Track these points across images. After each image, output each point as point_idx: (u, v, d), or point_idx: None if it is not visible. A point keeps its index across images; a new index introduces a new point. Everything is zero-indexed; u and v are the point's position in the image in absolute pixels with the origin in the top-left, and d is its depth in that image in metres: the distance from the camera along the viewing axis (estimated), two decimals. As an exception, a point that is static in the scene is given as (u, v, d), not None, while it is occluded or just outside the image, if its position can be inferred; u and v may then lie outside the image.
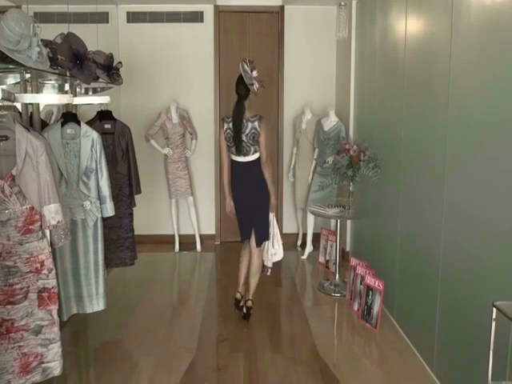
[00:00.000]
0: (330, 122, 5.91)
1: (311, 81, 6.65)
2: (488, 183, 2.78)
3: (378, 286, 4.28)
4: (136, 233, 4.65)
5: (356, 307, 4.62)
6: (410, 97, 4.00)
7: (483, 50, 2.85)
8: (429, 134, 3.61)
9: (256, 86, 4.17)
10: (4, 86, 3.39)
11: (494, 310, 2.19)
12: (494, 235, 2.72)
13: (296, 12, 6.56)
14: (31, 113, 3.56)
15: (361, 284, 4.57)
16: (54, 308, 2.90)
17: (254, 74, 4.18)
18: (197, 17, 6.55)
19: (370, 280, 4.40)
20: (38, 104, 3.56)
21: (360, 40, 5.62)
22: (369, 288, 4.38)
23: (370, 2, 5.19)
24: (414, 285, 3.93)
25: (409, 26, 4.03)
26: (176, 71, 6.59)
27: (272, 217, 4.48)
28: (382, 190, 4.74)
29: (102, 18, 6.09)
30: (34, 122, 3.54)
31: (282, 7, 6.56)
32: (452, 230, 3.23)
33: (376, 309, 4.25)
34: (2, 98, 2.81)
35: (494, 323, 2.21)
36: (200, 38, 6.57)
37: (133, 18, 6.50)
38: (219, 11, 6.56)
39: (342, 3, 4.82)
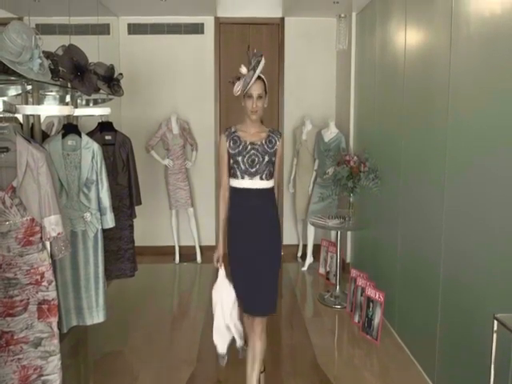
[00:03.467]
0: (330, 133, 5.92)
1: (311, 92, 6.67)
2: (488, 193, 2.78)
3: (379, 297, 4.26)
4: (136, 244, 4.64)
5: (356, 319, 4.61)
6: (410, 108, 4.01)
7: (482, 61, 2.87)
8: (429, 144, 3.62)
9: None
10: (5, 98, 3.39)
11: (495, 322, 2.18)
12: (495, 246, 2.71)
13: (296, 24, 6.60)
14: (32, 124, 3.58)
15: (361, 296, 4.56)
16: (54, 320, 2.88)
17: (259, 69, 3.08)
18: (197, 29, 6.58)
19: (370, 292, 4.39)
20: (39, 115, 3.57)
21: (360, 51, 5.64)
22: (369, 300, 4.37)
23: (369, 13, 5.22)
24: (414, 296, 3.91)
25: (408, 37, 4.05)
26: (176, 82, 6.62)
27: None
28: (382, 200, 4.74)
29: (104, 29, 6.12)
30: (35, 133, 3.55)
31: (282, 19, 6.60)
32: (452, 241, 3.22)
33: (377, 321, 4.24)
34: (4, 110, 2.81)
35: (495, 335, 2.20)
36: (200, 50, 6.60)
37: (134, 29, 6.54)
38: (220, 23, 6.60)
39: (342, 15, 4.85)
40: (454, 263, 3.22)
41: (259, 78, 3.10)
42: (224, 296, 3.17)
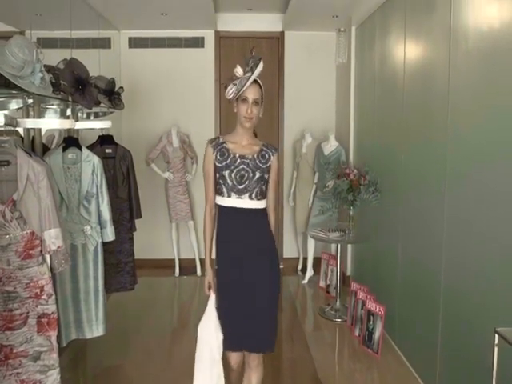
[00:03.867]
0: (330, 146, 5.94)
1: (311, 105, 6.69)
2: (489, 206, 2.79)
3: (379, 311, 4.25)
4: (136, 257, 4.63)
5: (357, 332, 4.59)
6: (410, 121, 4.02)
7: (481, 75, 2.88)
8: (428, 157, 3.63)
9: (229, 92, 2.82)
10: (6, 111, 3.41)
11: (496, 335, 2.18)
12: (496, 258, 2.71)
13: (296, 38, 6.64)
14: (33, 137, 3.59)
15: (362, 309, 4.54)
16: (54, 334, 2.87)
17: (256, 71, 2.71)
18: (198, 42, 6.63)
19: (370, 305, 4.38)
20: (39, 128, 3.58)
21: (359, 65, 5.67)
22: (370, 313, 4.36)
23: (369, 27, 5.26)
24: (415, 310, 3.90)
25: (407, 51, 4.07)
26: (177, 96, 6.65)
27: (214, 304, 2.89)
28: (382, 213, 4.74)
29: (105, 43, 6.16)
30: (36, 146, 3.56)
31: (282, 33, 6.65)
32: (453, 254, 3.22)
33: (377, 334, 4.22)
34: (5, 124, 2.82)
35: (496, 349, 2.19)
36: (201, 63, 6.64)
37: (135, 43, 6.58)
38: (220, 37, 6.64)
39: (342, 29, 4.88)
40: (454, 276, 3.21)
41: (256, 82, 2.78)
42: (213, 330, 2.82)
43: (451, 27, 3.23)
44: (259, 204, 2.82)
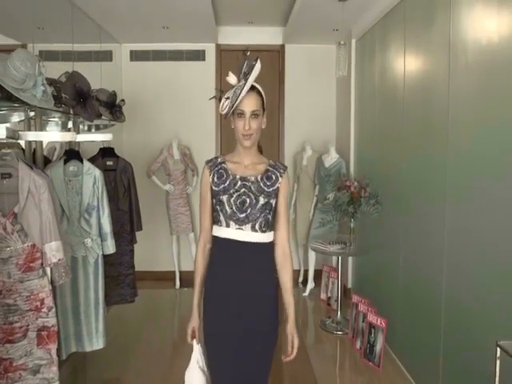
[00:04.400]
0: (331, 158, 5.95)
1: (312, 118, 6.72)
2: (489, 217, 2.79)
3: (381, 323, 4.23)
4: (137, 269, 4.62)
5: (358, 345, 4.57)
6: (410, 133, 4.03)
7: (480, 88, 2.90)
8: (429, 169, 3.63)
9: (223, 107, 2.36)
10: (8, 124, 3.42)
11: (498, 349, 2.17)
12: (498, 270, 2.71)
13: (296, 51, 6.68)
14: (34, 149, 3.60)
15: (363, 322, 4.53)
16: (53, 347, 2.87)
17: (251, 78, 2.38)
18: (199, 55, 6.66)
19: (372, 318, 4.36)
20: (41, 141, 3.59)
21: (360, 78, 5.69)
22: (371, 326, 4.34)
23: (369, 40, 5.29)
24: (416, 322, 3.89)
25: (407, 63, 4.09)
26: (178, 108, 6.67)
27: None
28: (383, 226, 4.74)
29: (106, 56, 6.20)
30: (37, 158, 3.57)
31: (283, 46, 6.69)
32: (454, 267, 3.22)
33: (378, 347, 4.20)
34: (7, 136, 2.83)
35: (498, 362, 2.19)
36: (202, 76, 6.66)
37: (136, 56, 6.62)
38: (221, 50, 6.68)
39: (342, 42, 4.89)
40: (456, 288, 3.20)
41: (253, 88, 2.40)
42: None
43: (450, 41, 3.25)
44: (264, 237, 2.34)
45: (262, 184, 2.34)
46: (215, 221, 2.37)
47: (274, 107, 6.61)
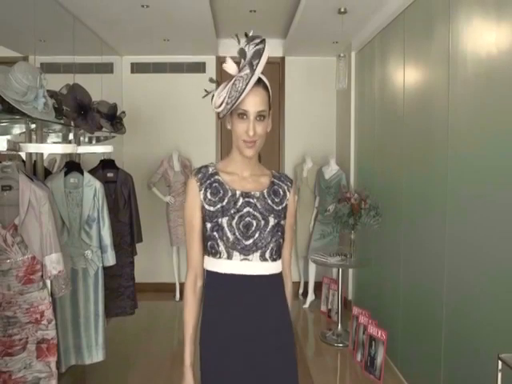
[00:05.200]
0: (331, 170, 5.96)
1: (312, 130, 6.73)
2: (491, 230, 2.78)
3: (381, 336, 4.21)
4: (137, 281, 4.60)
5: (359, 358, 4.55)
6: (410, 145, 4.04)
7: (480, 100, 2.90)
8: (429, 181, 3.63)
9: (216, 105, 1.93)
10: (9, 136, 3.43)
11: (500, 361, 2.16)
12: (499, 283, 2.70)
13: (296, 63, 6.71)
14: (35, 161, 3.60)
15: (363, 334, 4.51)
16: (53, 360, 2.85)
17: (259, 67, 1.92)
18: (199, 67, 6.69)
19: (372, 330, 4.34)
20: (42, 153, 3.60)
21: (359, 90, 5.71)
22: (372, 338, 4.32)
23: (368, 52, 5.31)
24: (417, 334, 3.87)
25: (407, 76, 4.11)
26: (178, 120, 6.69)
27: None
28: (383, 237, 4.73)
29: (107, 68, 6.23)
30: (38, 170, 3.57)
31: (283, 58, 6.72)
32: (455, 278, 3.21)
33: (379, 359, 4.18)
34: (7, 149, 2.84)
35: (499, 374, 2.17)
36: (202, 88, 6.64)
37: (137, 68, 6.65)
38: (221, 62, 6.67)
39: (342, 54, 4.91)
40: (457, 300, 3.19)
41: (259, 81, 1.94)
42: None
43: (450, 53, 3.27)
44: (275, 267, 1.86)
45: (269, 201, 1.87)
46: (210, 252, 1.85)
47: (274, 119, 6.62)
